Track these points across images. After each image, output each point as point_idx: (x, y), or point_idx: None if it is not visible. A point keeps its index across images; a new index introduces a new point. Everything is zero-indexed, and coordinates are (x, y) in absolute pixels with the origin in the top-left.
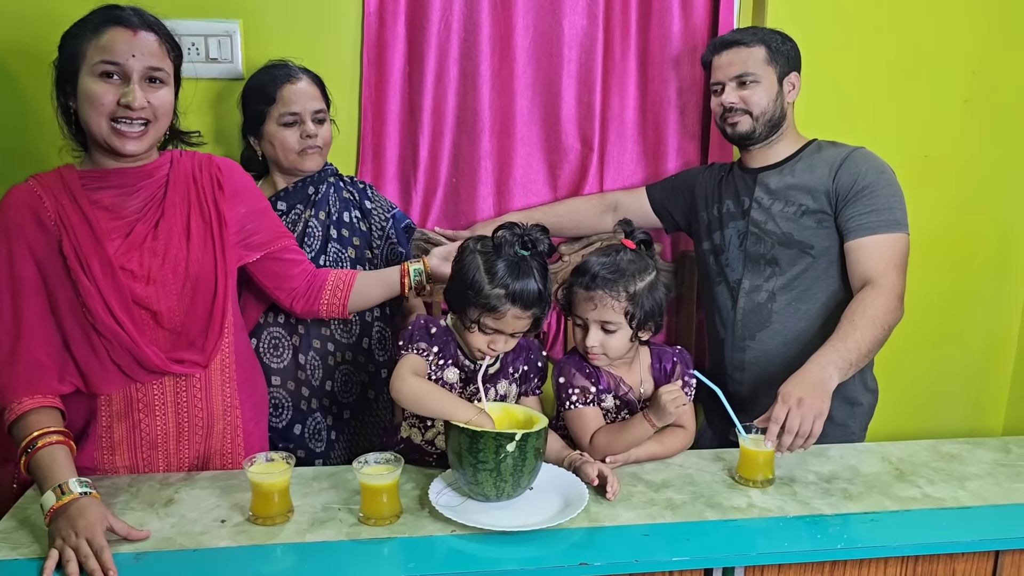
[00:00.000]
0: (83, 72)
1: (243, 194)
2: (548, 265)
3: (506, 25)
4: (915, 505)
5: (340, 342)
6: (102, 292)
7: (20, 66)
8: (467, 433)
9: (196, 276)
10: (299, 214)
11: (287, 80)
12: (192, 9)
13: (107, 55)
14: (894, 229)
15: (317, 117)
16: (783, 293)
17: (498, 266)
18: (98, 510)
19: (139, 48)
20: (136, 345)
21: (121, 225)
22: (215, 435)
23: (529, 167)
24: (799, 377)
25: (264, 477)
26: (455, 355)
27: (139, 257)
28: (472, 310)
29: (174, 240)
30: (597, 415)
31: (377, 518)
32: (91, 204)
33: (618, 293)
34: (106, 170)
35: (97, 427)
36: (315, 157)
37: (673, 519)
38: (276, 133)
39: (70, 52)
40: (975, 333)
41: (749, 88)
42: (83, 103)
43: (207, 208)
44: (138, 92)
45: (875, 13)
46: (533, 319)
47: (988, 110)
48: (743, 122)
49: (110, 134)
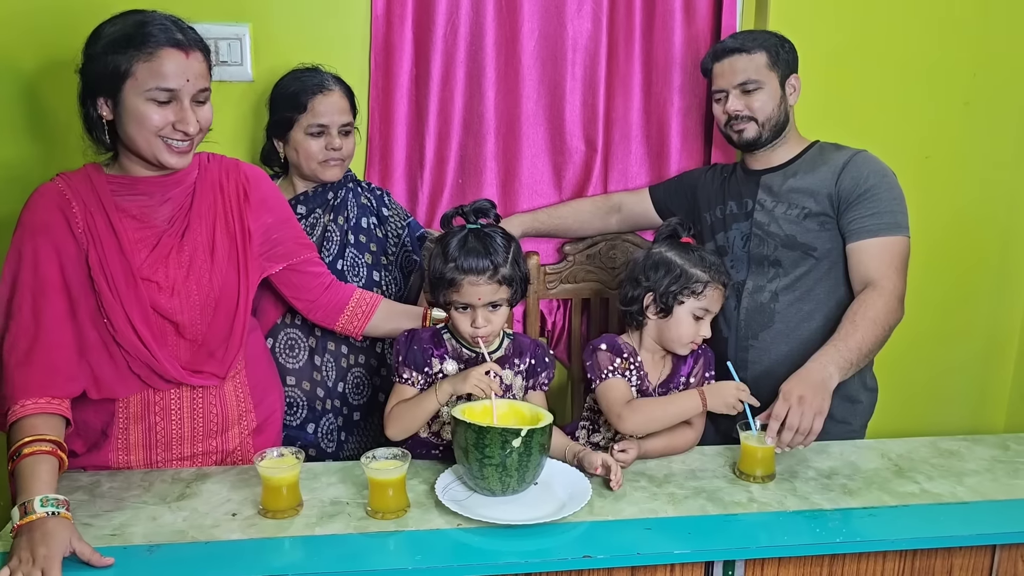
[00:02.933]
0: (131, 90)
1: (270, 203)
2: (508, 234)
3: (511, 29)
4: (913, 500)
5: (354, 345)
6: (124, 305)
7: (37, 69)
8: (474, 429)
9: (220, 289)
10: (317, 218)
11: (320, 91)
12: (202, 13)
13: (163, 82)
14: (895, 232)
15: (344, 130)
16: (786, 294)
17: (451, 245)
18: (62, 536)
19: (192, 72)
20: (155, 359)
21: (149, 236)
22: (230, 438)
23: (534, 168)
24: (800, 376)
25: (274, 471)
26: (452, 349)
27: (164, 269)
28: (440, 293)
29: (199, 252)
30: (627, 387)
31: (384, 512)
32: (119, 212)
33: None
34: (136, 178)
35: (114, 429)
36: (336, 168)
37: (675, 513)
38: (302, 141)
39: (113, 66)
40: (976, 332)
41: (753, 95)
42: (130, 121)
43: (232, 220)
44: (191, 117)
45: (877, 16)
46: (497, 285)
47: (988, 112)
48: (749, 129)
49: (161, 150)
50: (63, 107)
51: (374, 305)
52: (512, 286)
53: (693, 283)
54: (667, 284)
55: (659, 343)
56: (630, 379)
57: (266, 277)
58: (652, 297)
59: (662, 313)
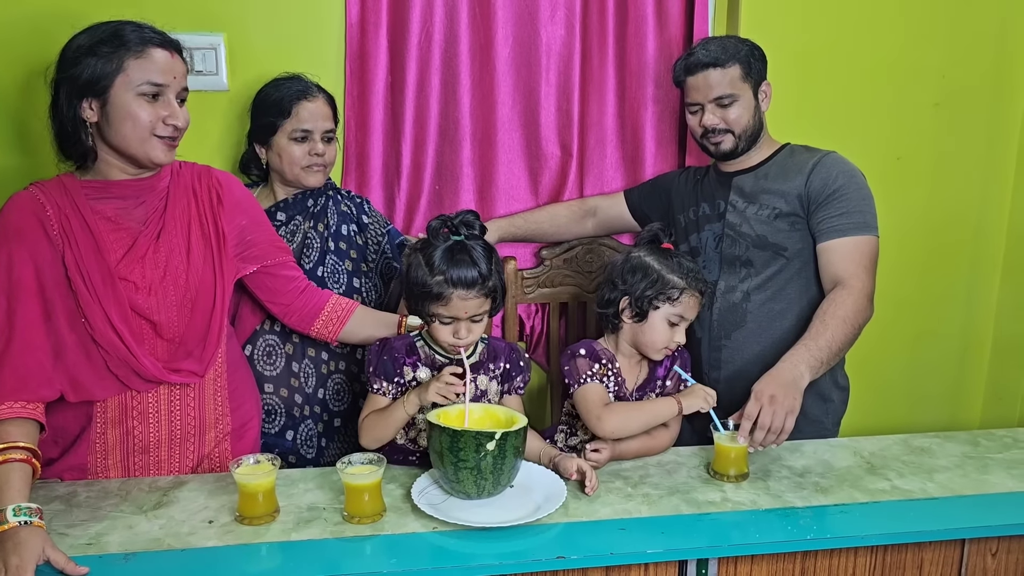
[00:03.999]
0: (121, 87)
1: (243, 205)
2: (490, 245)
3: (486, 35)
4: (884, 497)
5: (334, 352)
6: (102, 303)
7: (12, 80)
8: (448, 433)
9: (196, 288)
10: (298, 225)
11: (304, 96)
12: (177, 23)
13: (154, 76)
14: (864, 231)
15: (326, 136)
16: (757, 293)
17: (435, 256)
18: (35, 545)
19: (176, 70)
20: (133, 356)
21: (124, 236)
22: (206, 442)
23: (511, 174)
24: (772, 375)
25: (250, 478)
26: (425, 356)
27: (141, 269)
28: (424, 304)
29: (175, 253)
30: (605, 392)
31: (361, 516)
32: (94, 214)
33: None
34: (109, 181)
35: (91, 432)
36: (319, 174)
37: (649, 513)
38: (286, 147)
39: (102, 65)
40: (950, 331)
41: (729, 108)
42: (122, 119)
43: (206, 222)
44: (179, 112)
45: (847, 18)
46: (484, 298)
47: (957, 113)
48: (726, 141)
49: (154, 145)
50: (38, 119)
51: (349, 311)
52: (495, 298)
53: (669, 289)
54: (643, 288)
55: (634, 347)
56: (607, 385)
57: (243, 282)
58: (628, 301)
59: (637, 317)
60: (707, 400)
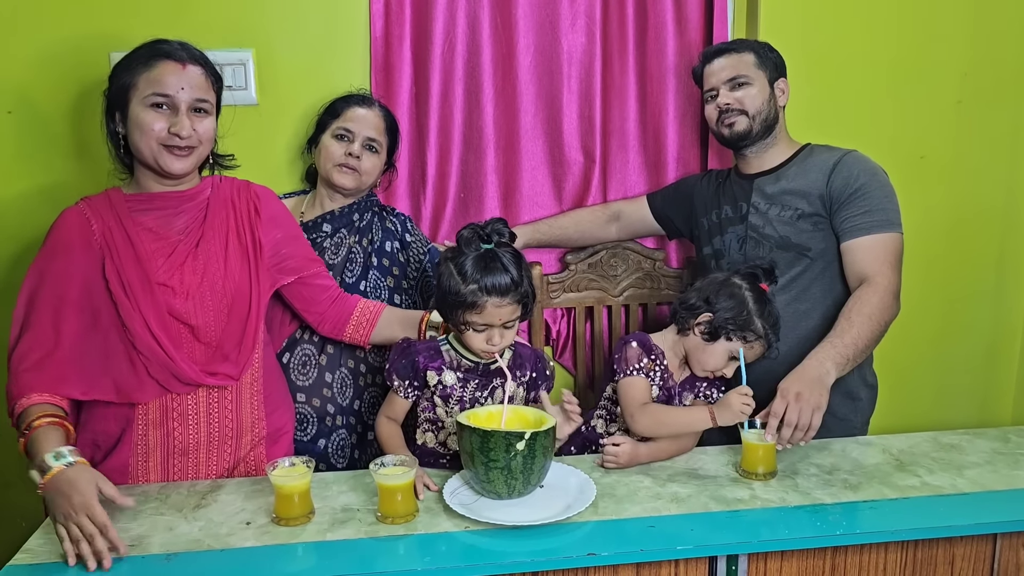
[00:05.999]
0: (134, 101)
1: (279, 219)
2: (519, 252)
3: (508, 45)
4: (914, 493)
5: (371, 364)
6: (142, 311)
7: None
8: (479, 433)
9: (232, 293)
10: (343, 239)
11: (357, 103)
12: (207, 40)
13: (158, 87)
14: (888, 229)
15: (369, 144)
16: (782, 294)
17: (467, 265)
18: (87, 479)
19: (187, 81)
20: (172, 361)
21: (164, 246)
22: (243, 446)
23: (534, 180)
24: (797, 373)
25: (286, 480)
26: (450, 360)
27: (180, 275)
28: (458, 313)
29: (213, 259)
30: (648, 388)
31: (394, 516)
32: (136, 226)
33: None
34: (151, 194)
35: (133, 434)
36: (348, 177)
37: (678, 511)
38: (327, 144)
39: (121, 82)
40: (978, 329)
41: (743, 89)
42: (134, 129)
43: (244, 232)
44: (186, 122)
45: (868, 18)
46: (517, 304)
47: (980, 111)
48: (740, 121)
49: (160, 153)
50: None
51: (377, 313)
52: (527, 304)
53: (749, 330)
54: (728, 317)
55: (688, 355)
56: (653, 379)
57: (280, 292)
58: (708, 318)
59: (707, 336)
60: (742, 413)
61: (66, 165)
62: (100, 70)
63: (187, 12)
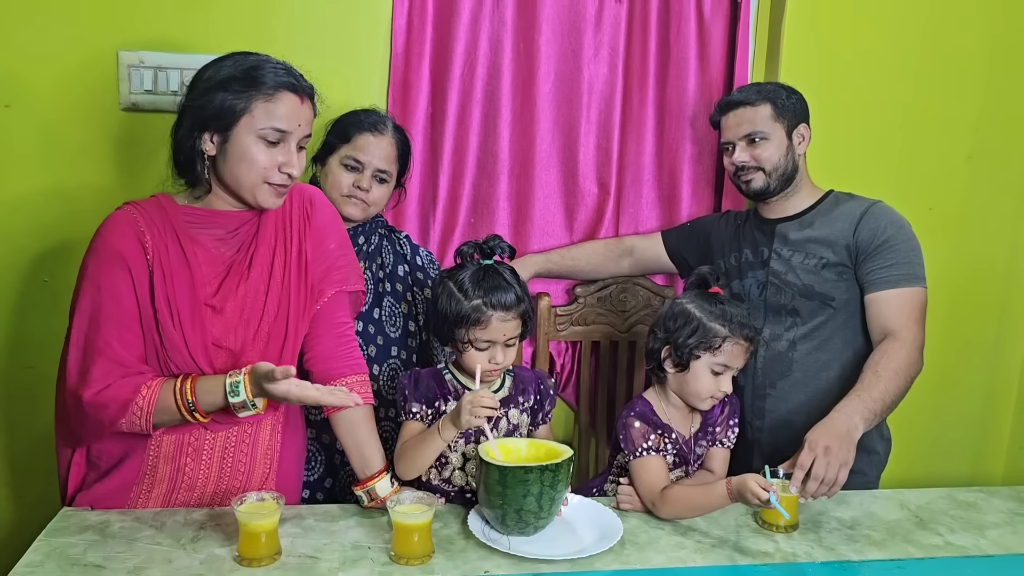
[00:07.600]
0: (244, 128)
1: (330, 228)
2: (512, 268)
3: (528, 70)
4: (939, 552)
5: (384, 399)
6: (186, 336)
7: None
8: (496, 468)
9: (271, 321)
10: None
11: (370, 129)
12: (222, 48)
13: (279, 123)
14: (913, 283)
15: (379, 176)
16: (804, 342)
17: (468, 282)
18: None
19: (303, 117)
20: None
21: (219, 270)
22: (254, 479)
23: (546, 209)
24: (826, 425)
25: (251, 517)
26: (455, 390)
27: (232, 302)
28: (460, 331)
29: (259, 283)
30: (664, 468)
31: (410, 557)
32: (191, 243)
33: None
34: (216, 211)
35: (141, 464)
36: (356, 208)
37: (703, 563)
38: (334, 171)
39: (230, 103)
40: (976, 382)
41: (759, 146)
42: (238, 159)
43: (291, 248)
44: (296, 160)
45: (883, 70)
46: (519, 319)
47: (990, 166)
48: (756, 179)
49: (263, 190)
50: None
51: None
52: (527, 321)
53: (711, 337)
54: (684, 337)
55: (680, 397)
56: (665, 452)
57: None
58: (669, 350)
59: (678, 367)
60: (758, 500)
61: (67, 163)
62: (107, 68)
63: (202, 16)
